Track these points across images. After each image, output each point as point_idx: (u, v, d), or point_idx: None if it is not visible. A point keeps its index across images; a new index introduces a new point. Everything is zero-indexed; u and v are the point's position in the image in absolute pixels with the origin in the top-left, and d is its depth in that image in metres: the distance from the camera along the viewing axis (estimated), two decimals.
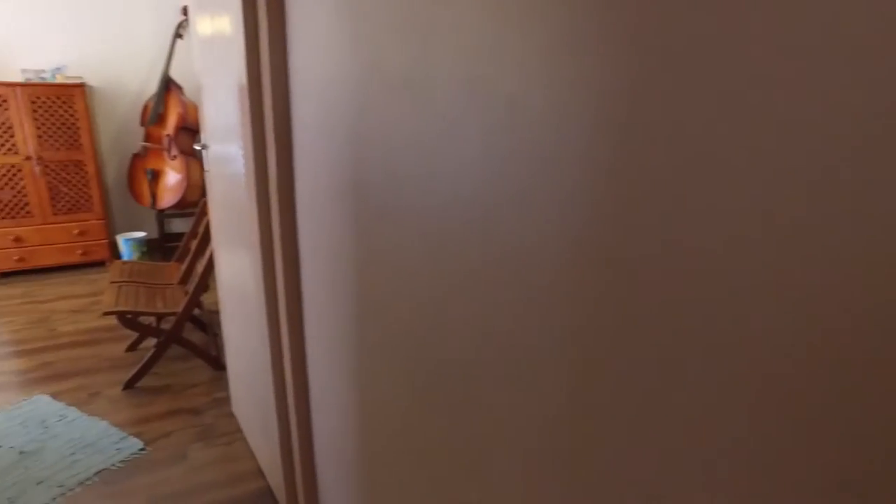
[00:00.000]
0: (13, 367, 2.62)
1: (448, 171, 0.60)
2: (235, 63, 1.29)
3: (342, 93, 0.84)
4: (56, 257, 3.99)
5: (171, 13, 4.27)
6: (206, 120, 1.74)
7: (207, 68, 1.62)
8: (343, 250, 0.94)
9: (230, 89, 1.39)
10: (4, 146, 3.71)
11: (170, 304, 2.47)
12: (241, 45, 1.21)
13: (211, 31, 1.51)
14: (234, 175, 1.47)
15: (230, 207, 1.60)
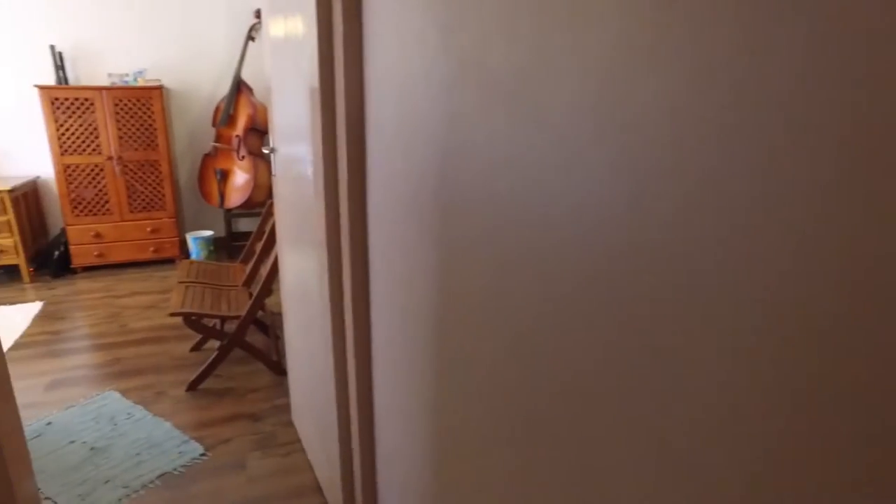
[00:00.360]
0: (89, 362, 2.73)
1: (566, 206, 0.49)
2: (307, 65, 1.25)
3: (427, 96, 0.76)
4: (130, 253, 4.17)
5: (244, 16, 4.38)
6: (275, 121, 1.71)
7: (278, 70, 1.59)
8: (421, 263, 0.86)
9: (301, 91, 1.35)
10: (90, 147, 3.91)
11: (234, 306, 2.49)
12: (313, 46, 1.16)
13: (283, 32, 1.48)
14: (302, 177, 1.43)
15: (297, 210, 1.56)
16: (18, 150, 4.15)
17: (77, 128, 3.86)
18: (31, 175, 4.18)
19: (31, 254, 3.99)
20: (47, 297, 3.64)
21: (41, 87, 3.74)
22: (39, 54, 4.00)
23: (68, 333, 3.06)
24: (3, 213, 3.75)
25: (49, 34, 4.01)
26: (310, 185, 1.36)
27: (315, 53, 1.16)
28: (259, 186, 4.13)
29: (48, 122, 3.78)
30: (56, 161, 3.86)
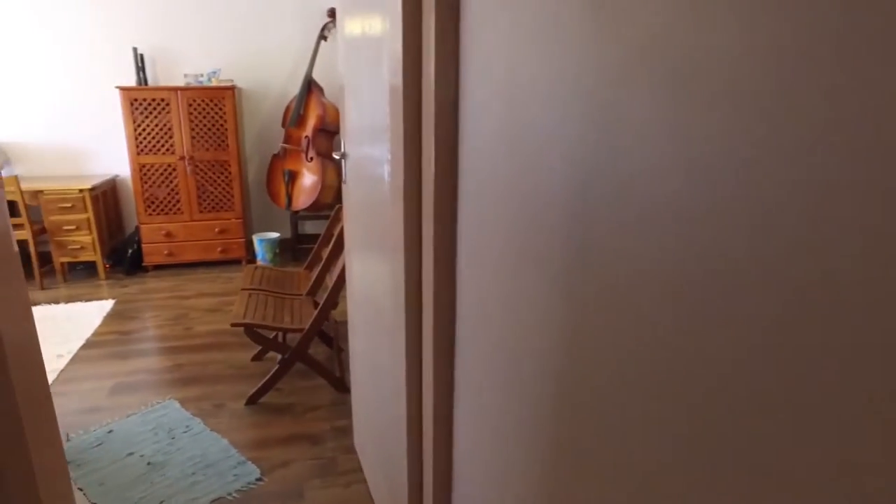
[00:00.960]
0: (152, 366, 2.71)
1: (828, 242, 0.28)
2: (388, 63, 1.09)
3: (559, 98, 0.56)
4: (198, 253, 4.22)
5: (316, 15, 4.34)
6: (348, 123, 1.57)
7: (353, 69, 1.45)
8: (539, 301, 0.66)
9: (379, 91, 1.19)
10: (164, 146, 3.98)
11: (297, 318, 2.39)
12: (397, 43, 1.00)
13: (359, 30, 1.34)
14: (376, 180, 1.28)
15: (369, 214, 1.41)
16: (100, 149, 4.29)
17: (153, 128, 3.94)
18: (111, 174, 4.32)
19: (108, 251, 4.11)
20: (119, 294, 3.72)
21: (122, 88, 3.83)
22: (122, 56, 4.11)
23: (135, 334, 3.08)
24: (83, 210, 3.87)
25: (132, 36, 4.12)
26: (385, 188, 1.21)
27: (399, 50, 1.00)
28: (326, 188, 4.07)
29: (127, 122, 3.87)
30: (132, 160, 3.95)
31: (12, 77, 4.05)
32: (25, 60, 4.04)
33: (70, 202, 3.82)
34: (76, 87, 4.15)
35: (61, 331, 3.10)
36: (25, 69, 4.05)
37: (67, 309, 3.43)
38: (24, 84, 4.08)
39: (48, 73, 4.09)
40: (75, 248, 3.93)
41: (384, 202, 1.23)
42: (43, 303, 3.56)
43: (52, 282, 3.95)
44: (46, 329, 3.13)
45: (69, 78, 4.12)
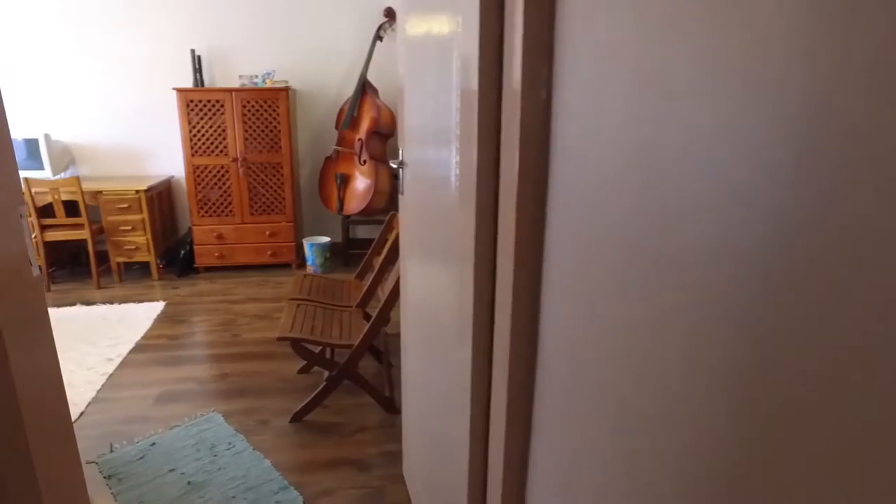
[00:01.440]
0: (198, 374, 2.66)
1: None
2: (459, 63, 0.95)
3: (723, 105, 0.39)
4: (249, 256, 4.20)
5: (372, 15, 4.26)
6: (407, 126, 1.43)
7: (414, 71, 1.32)
8: (696, 333, 0.49)
9: (446, 93, 1.05)
10: (218, 148, 3.98)
11: (346, 332, 2.27)
12: (472, 41, 0.86)
13: (423, 30, 1.22)
14: (441, 186, 1.14)
15: (430, 224, 1.27)
16: (158, 150, 4.35)
17: (207, 129, 3.94)
18: (167, 175, 4.37)
19: (161, 251, 4.15)
20: (170, 296, 3.73)
21: (178, 89, 3.85)
22: (180, 58, 4.15)
23: (183, 339, 3.05)
24: (139, 211, 3.91)
25: (190, 38, 4.15)
26: (451, 194, 1.07)
27: (474, 49, 0.86)
28: (379, 193, 3.97)
29: (182, 124, 3.89)
30: (187, 162, 3.97)
31: (78, 79, 4.15)
32: (90, 63, 4.13)
33: (127, 203, 3.87)
34: (137, 88, 4.22)
35: (113, 332, 3.11)
36: (90, 71, 4.15)
37: (120, 310, 3.46)
38: (88, 86, 4.17)
39: (111, 76, 4.17)
40: (131, 249, 3.97)
41: (449, 209, 1.09)
42: (98, 302, 3.61)
43: (108, 281, 4.01)
44: (100, 330, 3.15)
45: (131, 80, 4.19)
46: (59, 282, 4.03)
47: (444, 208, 1.12)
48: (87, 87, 4.18)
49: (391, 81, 4.36)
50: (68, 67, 4.13)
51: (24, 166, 3.95)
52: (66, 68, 4.13)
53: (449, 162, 1.05)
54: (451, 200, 1.07)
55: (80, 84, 4.17)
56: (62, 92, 4.17)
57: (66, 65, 4.12)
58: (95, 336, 3.06)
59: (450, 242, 1.11)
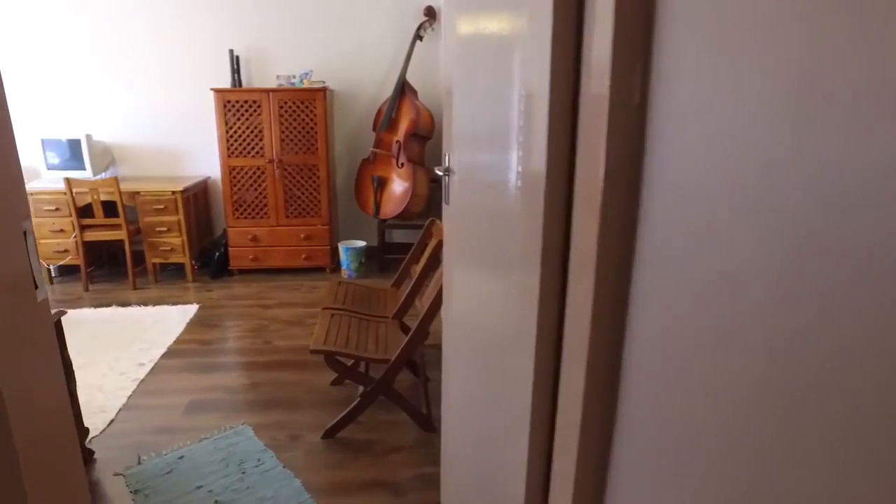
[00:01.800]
0: (228, 382, 2.60)
1: None
2: (523, 64, 0.83)
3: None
4: (283, 259, 4.15)
5: (412, 15, 4.16)
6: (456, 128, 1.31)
7: (467, 71, 1.20)
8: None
9: (504, 95, 0.93)
10: (254, 149, 3.95)
11: (382, 345, 2.16)
12: (542, 41, 0.74)
13: (477, 29, 1.10)
14: (497, 192, 1.01)
15: (482, 231, 1.15)
16: (196, 150, 4.35)
17: (244, 130, 3.91)
18: (204, 175, 4.36)
19: (196, 252, 4.14)
20: (204, 299, 3.70)
21: (216, 90, 3.83)
22: (219, 58, 4.13)
23: (215, 344, 3.00)
24: (175, 212, 3.90)
25: (229, 38, 4.13)
26: (510, 201, 0.94)
27: (546, 51, 0.75)
28: (417, 196, 3.86)
29: (219, 124, 3.87)
30: (223, 163, 3.94)
31: (119, 80, 4.18)
32: (131, 64, 4.16)
33: (163, 203, 3.87)
34: (176, 89, 4.22)
35: (146, 336, 3.08)
36: (131, 72, 4.17)
37: (154, 312, 3.44)
38: (129, 86, 4.20)
39: (151, 76, 4.19)
40: (166, 250, 3.97)
41: (507, 216, 0.96)
42: (134, 303, 3.60)
43: (143, 281, 4.02)
44: (134, 333, 3.13)
45: (170, 80, 4.20)
46: (97, 281, 4.05)
47: (501, 216, 1.00)
48: (127, 88, 4.20)
49: (431, 82, 4.26)
50: (110, 68, 4.16)
51: (67, 167, 3.99)
52: (107, 69, 4.16)
53: (508, 167, 0.93)
54: (509, 207, 0.95)
55: (121, 84, 4.20)
56: (104, 92, 4.20)
57: (108, 65, 4.15)
58: (129, 339, 3.04)
59: (506, 251, 0.98)
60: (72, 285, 3.99)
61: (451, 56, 1.36)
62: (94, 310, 3.49)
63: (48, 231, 3.92)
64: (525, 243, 0.87)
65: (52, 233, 3.92)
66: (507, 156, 0.93)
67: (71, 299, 3.74)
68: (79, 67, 4.15)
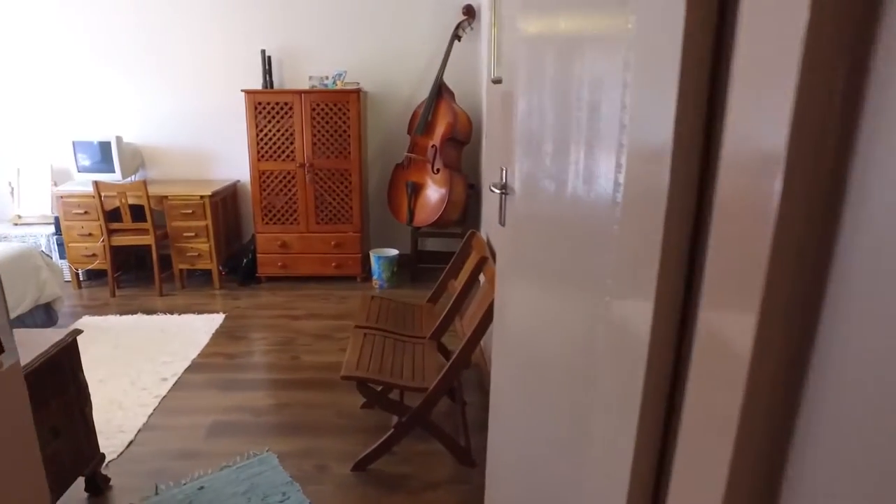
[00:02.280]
0: (253, 402, 2.46)
1: None
2: (633, 66, 0.65)
3: None
4: (312, 267, 4.03)
5: (450, 13, 4.00)
6: (518, 138, 1.13)
7: (535, 73, 1.02)
8: None
9: (600, 100, 0.74)
10: (284, 153, 3.83)
11: (419, 370, 2.00)
12: (675, 48, 0.55)
13: (548, 29, 0.93)
14: (584, 207, 0.84)
15: (555, 249, 0.97)
16: (226, 153, 4.26)
17: (275, 133, 3.80)
18: (233, 179, 4.27)
19: (225, 257, 4.04)
20: (231, 307, 3.59)
21: (247, 91, 3.73)
22: (250, 59, 4.04)
23: (240, 359, 2.88)
24: (203, 217, 3.81)
25: (261, 38, 4.04)
26: (604, 217, 0.76)
27: (677, 58, 0.56)
28: (453, 203, 3.69)
29: (249, 127, 3.77)
30: (253, 166, 3.84)
31: (150, 81, 4.12)
32: (163, 64, 4.10)
33: (191, 208, 3.78)
34: (207, 90, 4.15)
35: (170, 347, 2.98)
36: (162, 73, 4.11)
37: (180, 322, 3.34)
38: (160, 88, 4.14)
39: (182, 77, 4.12)
40: (193, 256, 3.89)
41: (596, 234, 0.78)
42: (160, 311, 3.52)
43: (170, 288, 3.94)
44: (158, 344, 3.03)
45: (202, 81, 4.13)
46: (124, 287, 3.99)
47: (589, 231, 0.81)
48: (159, 89, 4.15)
49: (469, 84, 4.08)
50: (142, 69, 4.10)
51: (97, 169, 3.95)
52: (140, 70, 4.11)
53: (601, 175, 0.75)
54: (603, 221, 0.76)
55: (152, 85, 4.14)
56: (135, 94, 4.15)
57: (141, 66, 4.10)
58: (153, 350, 2.94)
59: (596, 271, 0.80)
60: (99, 290, 3.94)
61: (513, 58, 1.19)
62: (119, 317, 3.41)
63: (77, 235, 3.87)
64: (628, 261, 0.68)
65: (80, 236, 3.87)
66: (603, 167, 0.75)
67: (97, 305, 3.68)
68: (111, 68, 4.11)
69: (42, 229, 4.04)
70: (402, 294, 3.86)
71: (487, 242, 2.57)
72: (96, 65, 4.10)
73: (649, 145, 0.62)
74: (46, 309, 3.23)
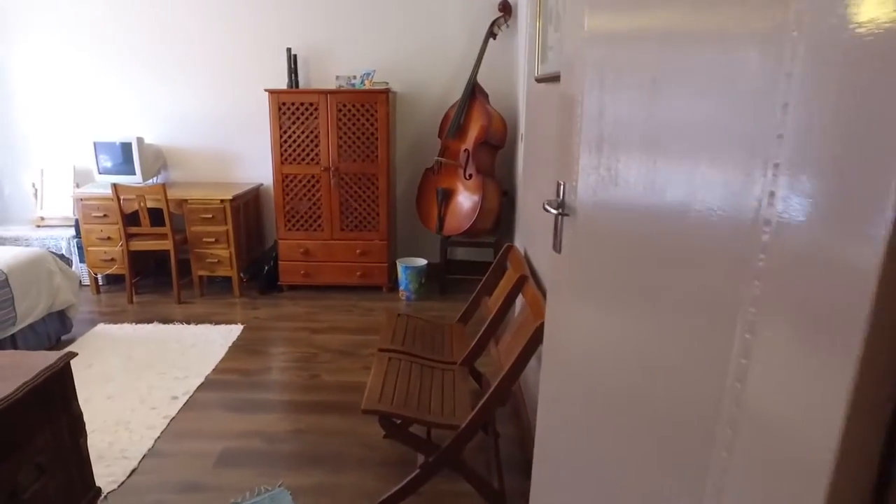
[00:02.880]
0: (267, 426, 2.29)
1: None
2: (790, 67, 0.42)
3: None
4: (336, 276, 3.86)
5: (485, 10, 3.80)
6: (584, 144, 0.91)
7: (610, 74, 0.81)
8: None
9: (728, 100, 0.52)
10: (309, 155, 3.68)
11: (449, 404, 1.79)
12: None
13: (628, 25, 0.71)
14: (698, 226, 0.61)
15: (647, 272, 0.75)
16: (249, 155, 4.13)
17: (299, 134, 3.65)
18: (256, 182, 4.14)
19: (246, 264, 3.90)
20: (250, 318, 3.45)
21: (270, 91, 3.59)
22: (276, 57, 3.89)
23: (257, 376, 2.71)
24: (223, 223, 3.68)
25: (288, 36, 3.90)
26: (723, 230, 0.53)
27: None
28: (486, 211, 3.48)
29: (273, 128, 3.62)
30: (276, 170, 3.69)
31: (175, 80, 4.02)
32: (187, 63, 3.99)
33: (211, 213, 3.65)
34: (232, 90, 4.02)
35: (184, 361, 2.83)
36: (187, 72, 4.01)
37: (196, 332, 3.20)
38: (184, 87, 4.03)
39: (206, 76, 4.01)
40: (213, 262, 3.76)
41: (725, 250, 0.56)
42: (177, 321, 3.39)
43: (189, 294, 3.81)
44: (172, 357, 2.89)
45: (226, 80, 4.01)
46: (142, 292, 3.89)
47: (710, 254, 0.60)
48: (182, 89, 4.04)
49: (504, 85, 3.87)
50: (166, 67, 4.00)
51: (118, 171, 3.85)
52: (163, 68, 4.00)
53: (746, 189, 0.53)
54: (737, 244, 0.55)
55: (176, 85, 4.03)
56: (159, 94, 4.05)
57: (164, 65, 4.00)
58: (166, 364, 2.80)
59: (723, 301, 0.58)
60: (118, 295, 3.84)
61: (577, 57, 0.98)
62: (135, 326, 3.29)
63: (96, 239, 3.78)
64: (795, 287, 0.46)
65: (99, 240, 3.78)
66: (747, 176, 0.54)
67: (114, 312, 3.57)
68: (136, 67, 4.01)
69: (63, 232, 3.96)
70: (431, 307, 3.66)
71: (526, 257, 2.35)
72: (121, 63, 4.01)
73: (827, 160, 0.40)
74: (60, 316, 3.12)
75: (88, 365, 2.79)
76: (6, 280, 2.71)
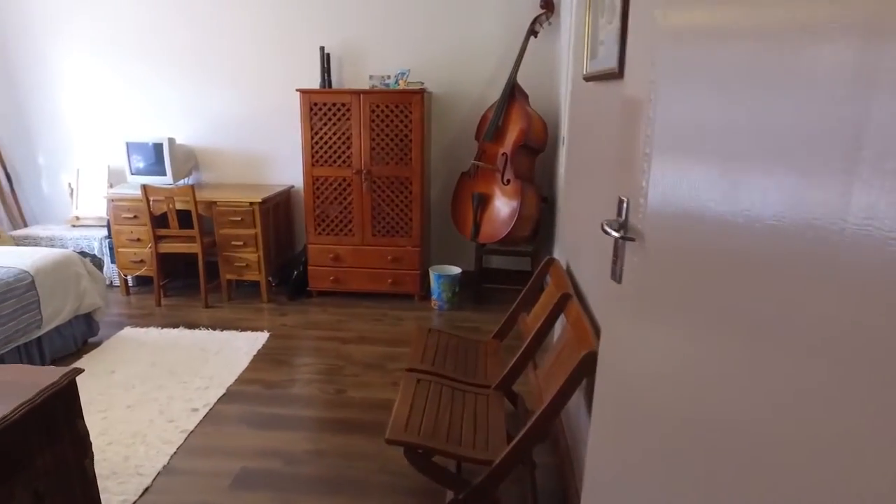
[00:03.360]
0: (287, 445, 2.17)
1: None
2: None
3: None
4: (366, 283, 3.74)
5: (525, 7, 3.63)
6: (662, 148, 0.75)
7: (687, 73, 0.64)
8: None
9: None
10: (340, 158, 3.58)
11: (482, 434, 1.64)
12: None
13: (712, 21, 0.54)
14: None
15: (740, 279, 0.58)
16: (280, 157, 4.07)
17: (331, 136, 3.55)
18: (287, 184, 4.06)
19: (274, 268, 3.83)
20: (276, 325, 3.36)
21: (302, 90, 3.50)
22: (309, 57, 3.81)
23: (280, 388, 2.61)
24: (252, 226, 3.61)
25: (321, 35, 3.81)
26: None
27: None
28: (524, 218, 3.31)
29: (304, 129, 3.54)
30: (306, 172, 3.60)
31: (207, 80, 3.98)
32: (219, 63, 3.94)
33: (240, 216, 3.59)
34: (263, 89, 3.96)
35: (207, 369, 2.75)
36: (219, 72, 3.96)
37: (221, 339, 3.13)
38: (216, 87, 3.99)
39: (239, 76, 3.95)
40: (241, 266, 3.69)
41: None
42: (203, 326, 3.33)
43: (216, 298, 3.76)
44: (196, 364, 2.82)
45: (258, 79, 3.95)
46: (170, 295, 3.85)
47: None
48: (215, 88, 4.00)
49: (545, 85, 3.69)
50: (199, 67, 3.97)
51: (149, 171, 3.83)
52: (197, 68, 3.97)
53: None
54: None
55: (208, 84, 4.00)
56: (192, 94, 4.02)
57: (198, 64, 3.96)
58: (189, 373, 2.72)
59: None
60: (146, 297, 3.81)
61: (648, 56, 0.82)
62: (160, 331, 3.24)
63: (126, 240, 3.76)
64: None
65: (129, 241, 3.76)
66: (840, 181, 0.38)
67: (141, 315, 3.53)
68: (170, 67, 3.99)
69: (97, 232, 3.96)
70: (464, 317, 3.51)
71: (568, 272, 2.18)
72: (157, 63, 4.00)
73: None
74: (87, 319, 3.09)
75: (111, 371, 2.74)
76: (32, 282, 2.68)
